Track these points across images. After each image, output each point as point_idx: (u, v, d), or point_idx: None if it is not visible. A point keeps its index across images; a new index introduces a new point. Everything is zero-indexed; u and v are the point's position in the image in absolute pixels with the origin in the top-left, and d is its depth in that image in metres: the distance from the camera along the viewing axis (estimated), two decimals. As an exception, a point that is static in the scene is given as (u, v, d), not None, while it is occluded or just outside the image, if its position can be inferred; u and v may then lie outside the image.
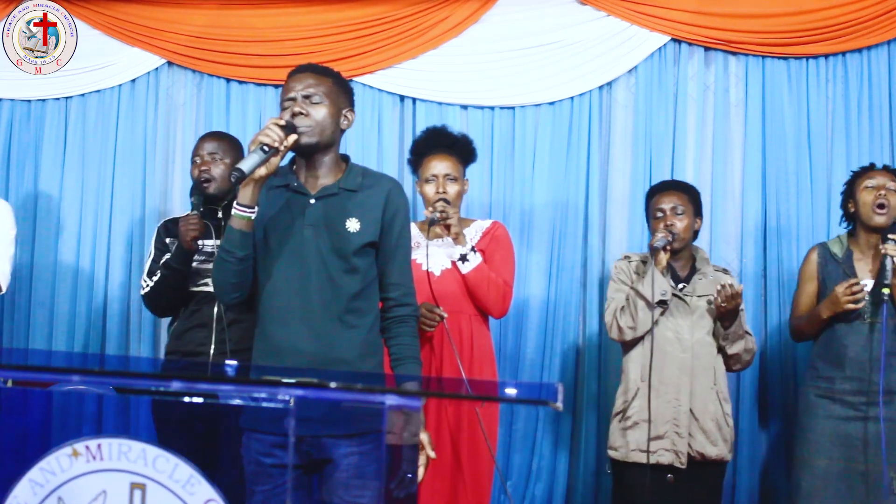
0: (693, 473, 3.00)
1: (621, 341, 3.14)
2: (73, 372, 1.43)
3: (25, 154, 4.11)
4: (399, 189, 2.36)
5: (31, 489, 1.38)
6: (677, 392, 3.00)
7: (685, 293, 3.08)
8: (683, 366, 3.01)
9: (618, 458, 3.07)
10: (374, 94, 3.96)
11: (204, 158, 2.94)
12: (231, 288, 2.28)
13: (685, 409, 2.99)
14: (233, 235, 2.22)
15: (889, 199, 3.05)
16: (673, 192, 3.13)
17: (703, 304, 3.07)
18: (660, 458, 2.98)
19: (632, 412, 3.05)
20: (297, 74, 2.30)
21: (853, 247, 3.16)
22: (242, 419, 2.24)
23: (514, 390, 1.35)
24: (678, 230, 3.05)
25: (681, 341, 3.04)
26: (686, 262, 3.17)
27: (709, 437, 2.99)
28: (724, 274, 3.18)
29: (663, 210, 3.09)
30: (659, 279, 2.99)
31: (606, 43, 3.87)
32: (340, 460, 2.14)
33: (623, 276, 3.16)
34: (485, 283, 2.99)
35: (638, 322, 3.02)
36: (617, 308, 3.10)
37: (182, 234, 2.79)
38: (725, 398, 3.07)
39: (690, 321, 3.05)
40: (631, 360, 3.11)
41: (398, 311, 2.33)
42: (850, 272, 3.10)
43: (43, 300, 4.02)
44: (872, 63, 3.78)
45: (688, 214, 3.09)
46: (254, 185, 2.18)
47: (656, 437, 2.99)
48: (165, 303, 2.96)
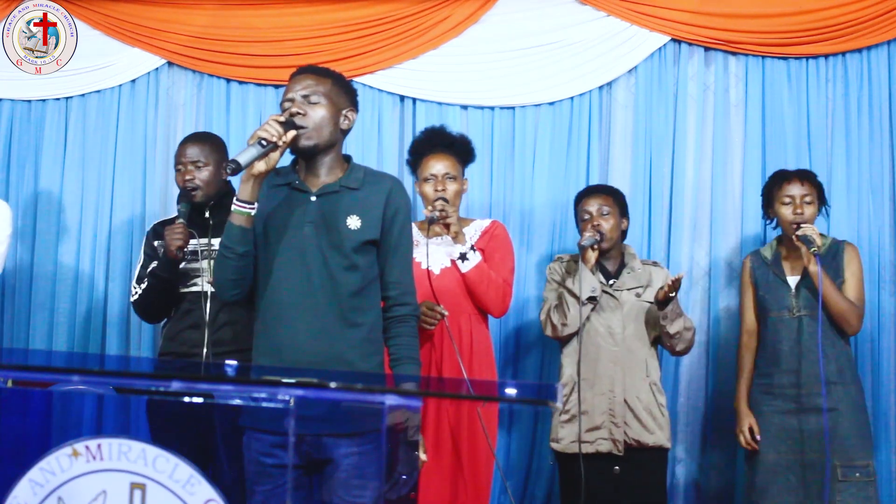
0: (634, 462, 3.11)
1: (556, 338, 3.26)
2: (73, 372, 1.43)
3: (25, 154, 4.11)
4: (400, 188, 2.36)
5: (31, 489, 1.38)
6: (611, 384, 3.12)
7: (615, 288, 3.20)
8: (616, 358, 3.14)
9: (559, 450, 3.17)
10: (374, 94, 3.96)
11: (187, 167, 2.91)
12: (231, 284, 2.28)
13: (619, 399, 3.11)
14: (233, 231, 2.22)
15: (805, 211, 3.18)
16: (598, 195, 3.27)
17: (633, 299, 3.19)
18: (599, 447, 3.10)
19: (570, 405, 3.16)
20: (298, 75, 2.30)
21: (781, 249, 3.32)
22: (243, 418, 2.24)
23: (514, 390, 1.35)
24: (605, 230, 3.19)
25: (612, 335, 3.16)
26: (616, 260, 3.30)
27: (645, 426, 3.11)
28: (654, 267, 3.30)
29: (590, 212, 3.23)
30: (588, 276, 3.12)
31: (606, 43, 3.87)
32: (341, 460, 2.14)
33: (556, 275, 3.30)
34: (484, 281, 2.99)
35: (570, 319, 3.14)
36: (550, 306, 3.22)
37: (167, 243, 2.79)
38: (659, 389, 3.19)
39: (621, 315, 3.17)
40: (566, 356, 3.23)
41: (397, 310, 2.33)
42: (778, 272, 3.27)
43: (43, 300, 4.01)
44: (872, 63, 3.78)
45: (613, 215, 3.22)
46: (254, 181, 2.18)
47: (594, 427, 3.11)
48: (154, 309, 2.97)
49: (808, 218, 3.17)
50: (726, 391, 3.59)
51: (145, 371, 1.73)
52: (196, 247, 2.87)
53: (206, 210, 2.93)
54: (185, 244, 2.78)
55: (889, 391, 3.61)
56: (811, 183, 3.23)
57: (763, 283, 3.29)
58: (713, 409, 3.72)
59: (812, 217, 3.19)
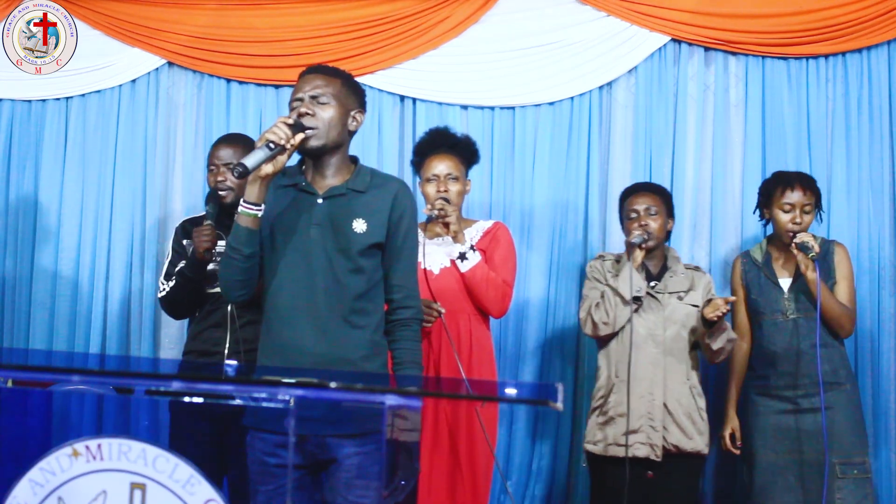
0: (670, 467, 3.05)
1: (595, 337, 3.22)
2: (73, 372, 1.43)
3: (25, 154, 4.11)
4: (406, 191, 2.36)
5: (31, 489, 1.38)
6: (651, 387, 3.06)
7: (657, 290, 3.16)
8: (656, 361, 3.09)
9: (595, 453, 3.13)
10: (374, 94, 3.96)
11: (220, 168, 2.91)
12: (237, 285, 2.29)
13: (659, 403, 3.06)
14: (239, 233, 2.22)
15: (804, 221, 3.17)
16: (646, 194, 3.22)
17: (675, 301, 3.14)
18: (636, 452, 3.04)
19: (608, 407, 3.12)
20: (307, 75, 2.30)
21: (772, 249, 3.31)
22: (246, 419, 2.24)
23: (514, 390, 1.35)
24: (652, 229, 3.14)
25: (653, 337, 3.11)
26: (658, 261, 3.25)
27: (684, 431, 3.06)
28: (697, 272, 3.26)
29: (637, 210, 3.18)
30: (635, 276, 3.07)
31: (606, 43, 3.87)
32: (344, 460, 2.15)
33: (597, 274, 3.24)
34: (483, 281, 2.99)
35: (612, 318, 3.10)
36: (591, 304, 3.17)
37: (196, 245, 2.80)
38: (699, 393, 3.14)
39: (663, 318, 3.12)
40: (604, 357, 3.20)
41: (400, 313, 2.34)
42: (770, 274, 3.26)
43: (43, 300, 4.01)
44: (872, 63, 3.78)
45: (661, 215, 3.18)
46: (260, 183, 2.18)
47: (631, 431, 3.05)
48: (182, 307, 2.98)
49: (805, 226, 3.17)
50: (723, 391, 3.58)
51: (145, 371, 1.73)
52: (224, 248, 2.88)
53: (235, 212, 2.94)
54: (212, 246, 2.78)
55: (889, 391, 3.60)
56: (812, 191, 3.22)
57: (755, 285, 3.28)
58: (712, 409, 3.71)
59: (808, 225, 3.19)
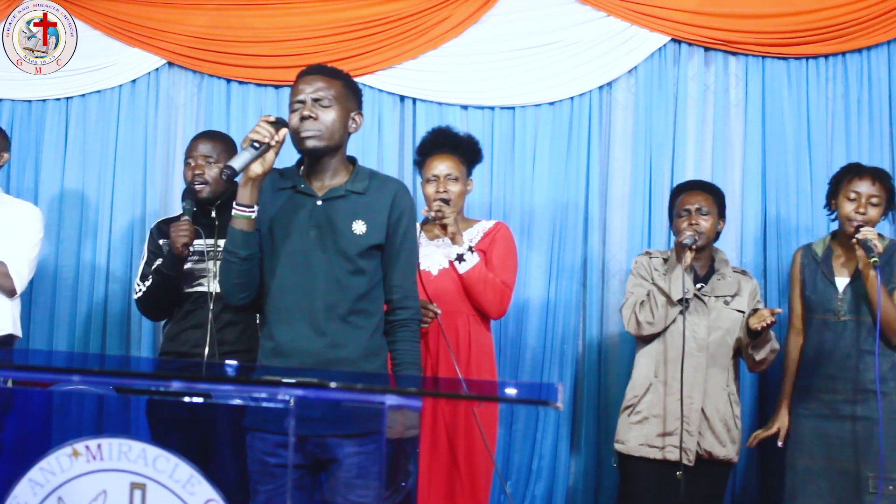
0: (699, 472, 3.00)
1: (637, 335, 3.14)
2: (73, 372, 1.43)
3: (26, 154, 4.11)
4: (405, 191, 2.36)
5: (31, 489, 1.38)
6: (690, 390, 2.99)
7: (703, 293, 3.09)
8: (698, 365, 3.02)
9: (624, 452, 3.08)
10: (374, 94, 3.96)
11: (198, 161, 2.89)
12: (238, 289, 2.29)
13: (697, 407, 3.00)
14: (235, 236, 2.22)
15: (869, 213, 3.02)
16: (700, 192, 3.13)
17: (721, 305, 3.08)
18: (668, 455, 3.00)
19: (642, 407, 3.06)
20: (307, 76, 2.29)
21: (834, 246, 3.19)
22: (246, 419, 2.24)
23: (514, 390, 1.35)
24: (703, 229, 3.06)
25: (697, 340, 3.04)
26: (706, 262, 3.18)
27: (718, 438, 3.01)
28: (743, 276, 3.19)
29: (689, 209, 3.09)
30: (684, 277, 2.99)
31: (606, 43, 3.87)
32: (344, 460, 2.15)
33: (643, 271, 3.17)
34: (481, 283, 2.98)
35: (657, 318, 3.03)
36: (636, 302, 3.10)
37: (173, 240, 2.76)
38: (736, 400, 3.08)
39: (708, 321, 3.06)
40: (644, 356, 3.12)
41: (399, 313, 2.34)
42: (827, 271, 3.14)
43: (43, 300, 4.01)
44: (872, 63, 3.78)
45: (712, 215, 3.10)
46: (252, 185, 2.18)
47: (665, 433, 3.01)
48: (158, 307, 2.94)
49: (870, 219, 3.01)
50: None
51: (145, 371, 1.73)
52: (202, 247, 2.86)
53: (213, 210, 2.92)
54: (190, 241, 2.76)
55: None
56: (883, 184, 3.05)
57: (810, 282, 3.16)
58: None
59: (875, 220, 3.02)
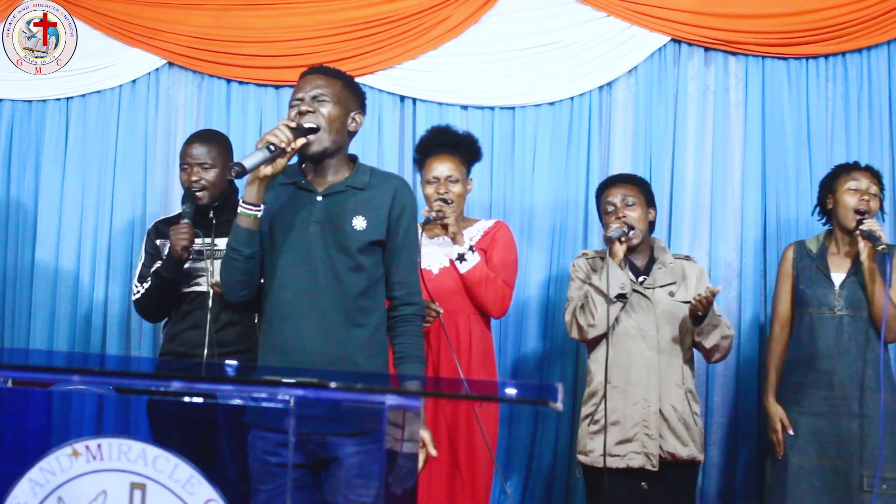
0: (665, 476, 2.88)
1: (582, 341, 3.02)
2: (73, 372, 1.43)
3: (26, 154, 4.11)
4: (406, 187, 2.36)
5: (31, 489, 1.38)
6: (646, 392, 2.88)
7: (645, 286, 2.96)
8: (651, 364, 2.90)
9: (587, 463, 2.95)
10: (374, 94, 3.96)
11: (193, 167, 2.87)
12: (239, 286, 2.29)
13: (654, 409, 2.87)
14: (239, 234, 2.23)
15: (870, 205, 3.05)
16: (623, 185, 3.05)
17: (667, 298, 2.95)
18: (630, 462, 2.86)
19: (599, 415, 2.92)
20: (308, 76, 2.31)
21: (829, 243, 3.17)
22: (247, 417, 2.24)
23: (514, 390, 1.34)
24: (632, 221, 2.97)
25: (646, 339, 2.92)
26: (645, 255, 3.05)
27: (679, 438, 2.88)
28: (687, 261, 3.07)
29: (613, 203, 3.00)
30: (616, 271, 2.88)
31: (606, 43, 3.87)
32: (345, 459, 2.14)
33: (581, 273, 3.06)
34: (482, 282, 2.98)
35: (597, 319, 2.89)
36: (576, 306, 2.98)
37: (172, 243, 2.76)
38: (694, 397, 2.97)
39: (654, 317, 2.93)
40: (595, 361, 2.99)
41: (403, 309, 2.34)
42: (822, 268, 3.12)
43: (43, 300, 4.01)
44: (872, 63, 3.79)
45: (639, 205, 3.00)
46: (259, 184, 2.19)
47: (625, 440, 2.88)
48: (157, 309, 2.94)
49: (872, 213, 3.01)
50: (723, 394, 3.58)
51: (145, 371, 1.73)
52: (200, 247, 2.85)
53: (210, 210, 2.90)
54: (190, 244, 2.75)
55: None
56: (878, 182, 3.09)
57: (805, 276, 3.13)
58: (711, 413, 3.72)
59: (874, 213, 3.04)
